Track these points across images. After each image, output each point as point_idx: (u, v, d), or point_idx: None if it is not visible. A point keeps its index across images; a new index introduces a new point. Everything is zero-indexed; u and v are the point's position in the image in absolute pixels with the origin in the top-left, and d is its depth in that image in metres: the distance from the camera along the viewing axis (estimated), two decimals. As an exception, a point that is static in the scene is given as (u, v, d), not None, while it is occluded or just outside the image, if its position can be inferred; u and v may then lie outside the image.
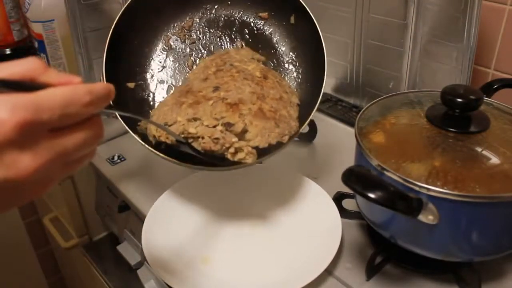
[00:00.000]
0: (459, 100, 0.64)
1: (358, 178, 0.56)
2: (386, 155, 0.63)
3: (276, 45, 0.85)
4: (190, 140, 0.66)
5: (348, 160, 0.70)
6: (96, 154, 1.00)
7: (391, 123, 0.70)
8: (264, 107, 0.69)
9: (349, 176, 0.57)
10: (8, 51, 1.16)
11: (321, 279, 0.68)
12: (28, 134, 0.35)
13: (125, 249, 0.95)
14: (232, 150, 0.65)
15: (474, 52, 0.82)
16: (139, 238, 0.76)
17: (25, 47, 1.17)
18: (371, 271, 0.69)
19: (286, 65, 0.85)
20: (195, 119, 0.66)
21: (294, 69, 0.85)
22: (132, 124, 0.75)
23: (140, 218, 0.84)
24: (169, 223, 0.77)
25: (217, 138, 0.64)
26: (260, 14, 0.84)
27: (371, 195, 0.54)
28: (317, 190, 0.81)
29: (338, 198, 0.79)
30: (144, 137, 0.73)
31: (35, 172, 0.36)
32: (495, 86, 0.80)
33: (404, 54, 0.94)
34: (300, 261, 0.71)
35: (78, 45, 0.93)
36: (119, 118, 0.74)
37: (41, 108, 0.36)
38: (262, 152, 0.67)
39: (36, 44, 1.08)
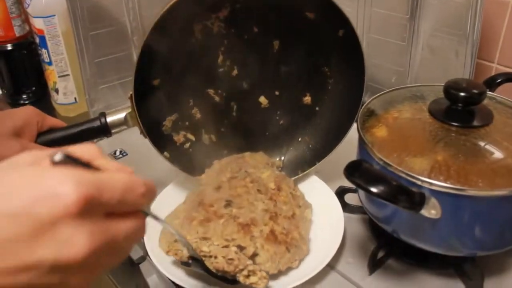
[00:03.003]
0: (462, 94, 0.64)
1: (361, 172, 0.56)
2: (389, 149, 0.63)
3: (313, 47, 0.83)
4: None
5: (350, 154, 0.70)
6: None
7: (394, 117, 0.70)
8: (276, 229, 0.68)
9: (351, 170, 0.57)
10: (9, 47, 1.16)
11: (323, 273, 0.68)
12: (88, 211, 0.33)
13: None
14: (245, 272, 0.63)
15: (478, 46, 0.82)
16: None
17: (27, 43, 1.17)
18: (373, 265, 0.69)
19: (319, 71, 0.85)
20: (205, 238, 0.65)
21: (325, 78, 0.85)
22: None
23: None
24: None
25: (231, 259, 0.62)
26: (307, 13, 0.80)
27: (374, 190, 0.54)
28: (319, 184, 0.82)
29: (340, 193, 0.79)
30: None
31: (89, 255, 0.33)
32: (499, 80, 0.80)
33: (407, 48, 0.94)
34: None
35: (79, 41, 0.93)
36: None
37: (104, 187, 0.34)
38: None
39: (38, 40, 1.08)
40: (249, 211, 0.69)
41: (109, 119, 0.75)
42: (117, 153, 0.98)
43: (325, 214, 0.76)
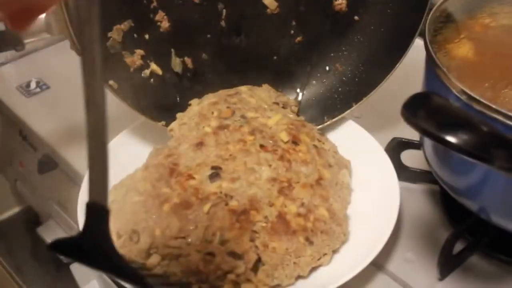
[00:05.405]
0: None
1: (430, 111, 0.55)
2: (476, 76, 0.62)
3: None
4: (165, 262, 0.65)
5: (410, 87, 0.68)
6: None
7: (484, 25, 0.69)
8: (290, 209, 0.68)
9: (415, 108, 0.55)
10: None
11: (366, 275, 0.68)
12: None
13: (50, 232, 0.96)
14: (232, 276, 0.64)
15: None
16: (73, 213, 0.76)
17: None
18: (448, 265, 0.69)
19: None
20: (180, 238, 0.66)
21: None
22: None
23: (74, 181, 0.84)
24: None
25: (211, 254, 0.63)
26: None
27: (452, 139, 0.53)
28: (361, 135, 0.82)
29: (394, 149, 0.79)
30: None
31: None
32: None
33: None
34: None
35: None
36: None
37: None
38: None
39: None
40: (246, 184, 0.69)
41: None
42: (33, 85, 0.97)
43: (369, 182, 0.76)
